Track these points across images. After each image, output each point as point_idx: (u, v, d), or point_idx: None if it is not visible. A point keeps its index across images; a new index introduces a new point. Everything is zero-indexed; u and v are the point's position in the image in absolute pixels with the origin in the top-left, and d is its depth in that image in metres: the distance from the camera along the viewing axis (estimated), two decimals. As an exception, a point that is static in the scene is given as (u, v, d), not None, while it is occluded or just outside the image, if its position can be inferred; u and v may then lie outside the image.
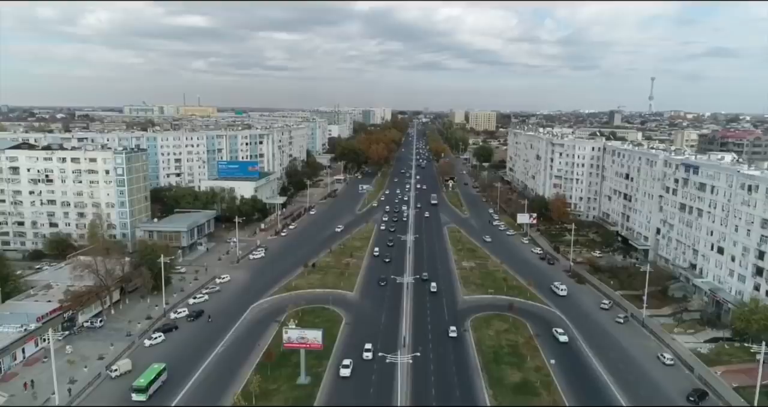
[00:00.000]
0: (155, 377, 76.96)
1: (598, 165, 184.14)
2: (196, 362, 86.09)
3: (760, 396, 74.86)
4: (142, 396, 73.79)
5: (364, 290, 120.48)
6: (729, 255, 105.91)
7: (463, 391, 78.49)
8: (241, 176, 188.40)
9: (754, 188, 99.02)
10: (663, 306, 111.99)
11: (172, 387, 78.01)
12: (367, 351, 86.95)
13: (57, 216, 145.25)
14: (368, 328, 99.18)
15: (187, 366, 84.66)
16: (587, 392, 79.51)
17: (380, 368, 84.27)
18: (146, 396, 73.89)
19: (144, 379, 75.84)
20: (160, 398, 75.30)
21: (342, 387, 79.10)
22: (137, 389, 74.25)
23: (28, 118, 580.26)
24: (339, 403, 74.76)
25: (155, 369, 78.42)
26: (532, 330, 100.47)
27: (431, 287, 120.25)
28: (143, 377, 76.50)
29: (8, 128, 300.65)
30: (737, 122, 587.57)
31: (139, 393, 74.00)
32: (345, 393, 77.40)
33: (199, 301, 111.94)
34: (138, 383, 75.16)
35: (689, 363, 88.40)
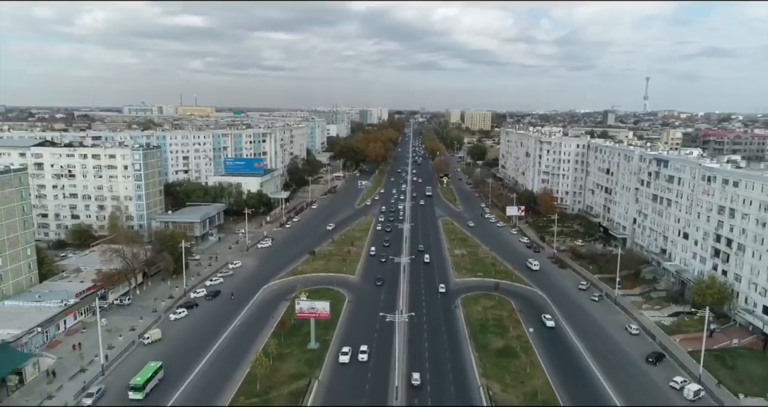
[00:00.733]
0: (152, 375, 76.98)
1: (583, 161, 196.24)
2: (217, 331, 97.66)
3: (708, 357, 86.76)
4: (138, 395, 73.82)
5: (364, 274, 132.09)
6: (693, 240, 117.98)
7: (453, 354, 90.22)
8: (247, 172, 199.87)
9: (713, 178, 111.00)
10: (635, 287, 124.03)
11: (197, 355, 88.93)
12: (363, 353, 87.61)
13: (78, 209, 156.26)
14: (369, 305, 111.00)
15: (209, 335, 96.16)
16: (561, 355, 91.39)
17: (382, 327, 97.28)
18: (143, 395, 74.05)
19: (141, 378, 75.57)
20: (165, 388, 77.93)
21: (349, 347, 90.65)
22: (134, 387, 74.23)
23: (28, 118, 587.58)
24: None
25: (152, 367, 78.46)
26: (515, 306, 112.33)
27: (425, 259, 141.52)
28: (140, 375, 76.26)
29: (23, 128, 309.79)
30: (728, 122, 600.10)
31: (136, 391, 74.01)
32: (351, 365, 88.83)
33: (215, 283, 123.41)
34: (135, 381, 74.90)
35: (652, 332, 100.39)
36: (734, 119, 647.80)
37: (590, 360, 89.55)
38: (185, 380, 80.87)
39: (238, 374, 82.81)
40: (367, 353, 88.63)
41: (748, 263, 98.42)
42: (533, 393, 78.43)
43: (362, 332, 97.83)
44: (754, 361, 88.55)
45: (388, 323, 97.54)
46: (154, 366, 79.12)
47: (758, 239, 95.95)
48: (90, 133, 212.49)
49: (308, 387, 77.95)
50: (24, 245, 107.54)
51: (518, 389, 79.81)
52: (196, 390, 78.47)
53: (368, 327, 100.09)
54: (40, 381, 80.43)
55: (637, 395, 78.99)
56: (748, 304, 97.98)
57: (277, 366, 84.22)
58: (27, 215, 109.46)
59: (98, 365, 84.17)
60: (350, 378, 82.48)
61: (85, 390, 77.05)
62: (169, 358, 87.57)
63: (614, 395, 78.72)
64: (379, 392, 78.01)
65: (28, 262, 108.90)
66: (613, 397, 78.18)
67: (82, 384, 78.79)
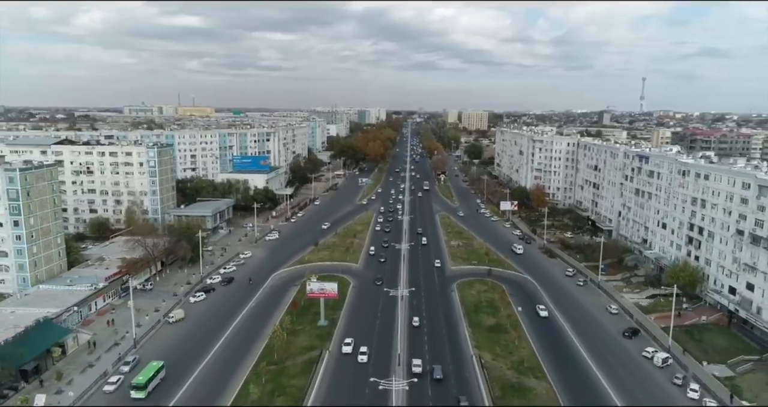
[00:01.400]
0: (154, 374, 77.56)
1: (573, 159, 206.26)
2: (234, 311, 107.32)
3: (678, 332, 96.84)
4: (141, 394, 74.41)
5: (367, 263, 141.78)
6: (670, 229, 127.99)
7: (449, 329, 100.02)
8: (253, 169, 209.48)
9: (687, 172, 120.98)
10: (617, 273, 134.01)
11: (217, 332, 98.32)
12: (363, 355, 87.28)
13: (96, 203, 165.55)
14: (371, 289, 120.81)
15: (227, 315, 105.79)
16: (546, 331, 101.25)
17: (385, 299, 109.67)
18: (145, 394, 74.71)
19: (143, 377, 76.12)
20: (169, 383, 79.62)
21: (354, 325, 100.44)
22: (136, 386, 74.76)
23: (29, 118, 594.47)
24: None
25: (154, 367, 79.07)
26: (506, 290, 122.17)
27: (422, 241, 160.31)
28: (142, 374, 76.82)
29: (29, 128, 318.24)
30: (722, 122, 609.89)
31: (138, 390, 74.61)
32: (356, 328, 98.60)
33: (228, 271, 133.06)
34: (137, 380, 75.43)
35: (630, 312, 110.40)
36: (728, 119, 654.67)
37: (573, 335, 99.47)
38: (209, 352, 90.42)
39: (256, 346, 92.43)
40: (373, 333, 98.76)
41: (717, 248, 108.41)
42: (520, 362, 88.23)
43: (367, 311, 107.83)
44: (719, 335, 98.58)
45: (391, 299, 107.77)
46: (156, 365, 79.71)
47: (725, 226, 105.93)
48: (103, 132, 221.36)
49: (320, 356, 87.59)
50: (54, 235, 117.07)
51: (507, 358, 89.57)
52: (220, 360, 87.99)
53: (372, 306, 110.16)
54: (81, 352, 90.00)
55: (613, 363, 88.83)
56: (716, 285, 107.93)
57: (291, 340, 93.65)
58: (57, 207, 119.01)
59: (130, 340, 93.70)
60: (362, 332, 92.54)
61: (122, 360, 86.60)
62: (191, 335, 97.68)
63: (593, 363, 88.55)
64: (382, 371, 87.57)
65: (58, 250, 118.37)
66: (592, 365, 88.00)
67: (118, 355, 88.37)
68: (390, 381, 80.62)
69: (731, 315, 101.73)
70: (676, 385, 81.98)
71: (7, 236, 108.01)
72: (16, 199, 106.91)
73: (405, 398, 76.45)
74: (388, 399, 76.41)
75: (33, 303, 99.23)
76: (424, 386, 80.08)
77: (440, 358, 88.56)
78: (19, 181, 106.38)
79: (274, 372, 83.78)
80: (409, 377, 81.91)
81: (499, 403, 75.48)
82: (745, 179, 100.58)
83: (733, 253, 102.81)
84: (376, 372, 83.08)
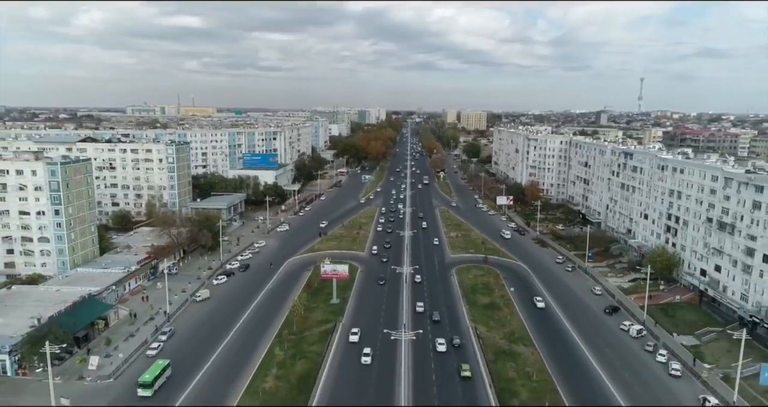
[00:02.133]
0: (160, 372, 78.27)
1: (565, 156, 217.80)
2: (254, 292, 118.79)
3: (654, 309, 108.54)
4: (147, 392, 75.19)
5: (372, 251, 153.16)
6: (651, 220, 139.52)
7: (448, 307, 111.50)
8: (263, 166, 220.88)
9: (666, 167, 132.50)
10: (603, 261, 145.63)
11: (240, 309, 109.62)
12: (366, 356, 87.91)
13: (118, 197, 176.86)
14: (378, 271, 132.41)
15: (248, 294, 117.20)
16: (535, 308, 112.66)
17: (391, 278, 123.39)
18: (152, 392, 75.42)
19: (149, 375, 76.88)
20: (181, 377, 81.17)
21: (362, 303, 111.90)
22: (143, 384, 75.52)
23: (34, 118, 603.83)
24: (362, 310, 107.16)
25: (160, 365, 79.82)
26: (501, 275, 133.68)
27: (422, 225, 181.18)
28: (148, 373, 77.57)
29: (38, 127, 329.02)
30: (718, 122, 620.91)
31: (145, 388, 75.33)
32: (365, 308, 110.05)
33: (245, 258, 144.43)
34: (143, 379, 76.25)
35: (613, 293, 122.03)
36: (725, 120, 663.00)
37: (559, 311, 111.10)
38: (235, 325, 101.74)
39: (276, 320, 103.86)
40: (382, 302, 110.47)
41: (690, 235, 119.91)
42: (511, 333, 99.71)
43: (375, 292, 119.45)
44: (690, 312, 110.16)
45: (396, 276, 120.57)
46: (162, 363, 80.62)
47: (697, 215, 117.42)
48: (119, 131, 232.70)
49: (335, 327, 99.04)
50: (89, 223, 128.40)
51: (500, 330, 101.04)
52: (246, 330, 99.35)
53: (378, 287, 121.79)
54: (122, 324, 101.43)
55: (594, 334, 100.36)
56: (690, 269, 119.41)
57: (307, 316, 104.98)
58: (91, 198, 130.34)
59: (164, 315, 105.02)
60: (368, 319, 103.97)
61: (159, 331, 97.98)
62: (217, 311, 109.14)
63: (575, 334, 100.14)
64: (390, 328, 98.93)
65: (92, 238, 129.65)
66: (575, 335, 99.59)
67: (155, 327, 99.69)
68: (399, 332, 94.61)
69: (702, 294, 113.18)
70: (647, 352, 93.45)
71: (48, 223, 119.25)
72: (57, 190, 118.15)
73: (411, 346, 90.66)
74: (398, 346, 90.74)
75: (74, 283, 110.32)
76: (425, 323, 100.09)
77: (440, 328, 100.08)
78: (60, 174, 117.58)
79: (294, 340, 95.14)
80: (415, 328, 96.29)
81: (492, 366, 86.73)
82: (713, 172, 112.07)
83: (703, 239, 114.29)
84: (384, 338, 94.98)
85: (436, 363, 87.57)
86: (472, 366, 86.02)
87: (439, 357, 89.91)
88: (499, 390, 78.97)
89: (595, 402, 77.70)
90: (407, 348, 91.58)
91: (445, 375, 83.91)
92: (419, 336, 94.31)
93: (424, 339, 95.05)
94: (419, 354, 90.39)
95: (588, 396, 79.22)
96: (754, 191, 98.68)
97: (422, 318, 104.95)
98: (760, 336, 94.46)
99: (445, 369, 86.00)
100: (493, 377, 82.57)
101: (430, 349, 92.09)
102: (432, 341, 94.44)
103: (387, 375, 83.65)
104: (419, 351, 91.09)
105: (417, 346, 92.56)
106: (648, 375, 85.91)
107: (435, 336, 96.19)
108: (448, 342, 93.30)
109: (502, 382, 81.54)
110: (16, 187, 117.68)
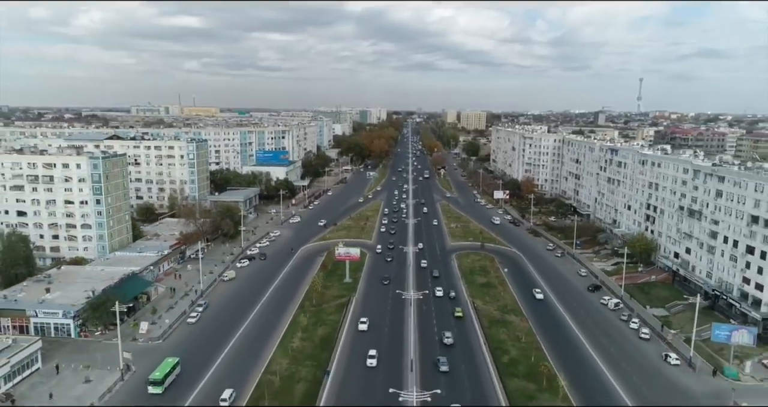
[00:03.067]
0: (170, 370, 79.82)
1: (559, 154, 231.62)
2: (275, 273, 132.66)
3: (632, 288, 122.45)
4: (158, 389, 76.86)
5: (379, 239, 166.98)
6: (633, 210, 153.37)
7: (449, 284, 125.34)
8: (274, 163, 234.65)
9: (646, 162, 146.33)
10: (590, 248, 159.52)
11: (263, 287, 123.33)
12: (371, 358, 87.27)
13: (143, 191, 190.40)
14: (384, 255, 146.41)
15: (269, 275, 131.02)
16: (526, 285, 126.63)
17: (398, 255, 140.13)
18: (162, 389, 77.06)
19: (159, 373, 78.48)
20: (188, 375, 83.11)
21: (372, 281, 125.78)
22: (153, 382, 77.03)
23: (41, 118, 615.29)
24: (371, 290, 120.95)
25: (169, 363, 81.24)
26: (496, 259, 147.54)
27: (423, 210, 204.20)
28: (159, 370, 79.09)
29: (48, 126, 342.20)
30: (715, 122, 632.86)
31: (156, 385, 76.97)
32: (374, 284, 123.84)
33: (263, 245, 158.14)
34: (154, 376, 77.80)
35: (596, 274, 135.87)
36: (722, 120, 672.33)
37: (547, 289, 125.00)
38: (261, 299, 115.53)
39: (297, 295, 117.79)
40: (388, 279, 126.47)
41: (665, 222, 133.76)
42: (504, 306, 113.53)
43: (383, 268, 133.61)
44: (663, 289, 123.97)
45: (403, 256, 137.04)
46: (172, 361, 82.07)
47: (671, 204, 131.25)
48: (139, 130, 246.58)
49: (349, 300, 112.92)
50: (124, 212, 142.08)
51: (494, 304, 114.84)
52: (272, 303, 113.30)
53: (386, 270, 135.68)
54: (162, 298, 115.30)
55: (577, 307, 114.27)
56: (665, 252, 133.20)
57: (323, 292, 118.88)
58: (126, 189, 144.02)
59: (194, 293, 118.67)
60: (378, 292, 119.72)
61: (194, 304, 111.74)
62: (243, 289, 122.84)
63: (560, 307, 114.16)
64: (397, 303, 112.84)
65: (126, 225, 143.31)
66: (560, 308, 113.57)
67: (191, 301, 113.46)
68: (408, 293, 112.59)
69: (674, 274, 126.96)
70: (622, 321, 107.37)
71: (90, 212, 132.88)
72: (98, 181, 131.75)
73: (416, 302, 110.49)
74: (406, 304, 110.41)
75: (115, 264, 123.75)
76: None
77: (442, 303, 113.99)
78: (101, 167, 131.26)
79: (315, 311, 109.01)
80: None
81: (487, 332, 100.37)
82: (684, 166, 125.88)
83: (676, 225, 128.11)
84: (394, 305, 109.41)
85: (435, 305, 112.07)
86: (468, 325, 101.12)
87: (437, 300, 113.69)
88: (493, 349, 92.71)
89: (573, 357, 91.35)
90: (413, 301, 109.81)
91: (443, 314, 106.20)
92: (425, 295, 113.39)
93: (427, 299, 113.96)
94: (422, 303, 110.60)
95: (568, 353, 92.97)
96: (717, 181, 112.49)
97: (424, 274, 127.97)
98: (721, 307, 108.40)
99: (442, 310, 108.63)
100: (488, 339, 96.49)
101: (431, 296, 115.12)
102: (432, 290, 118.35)
103: (398, 319, 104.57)
104: (422, 302, 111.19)
105: (421, 301, 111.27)
106: (621, 338, 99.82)
107: (434, 286, 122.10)
108: (445, 294, 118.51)
109: (496, 343, 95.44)
110: (62, 179, 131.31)
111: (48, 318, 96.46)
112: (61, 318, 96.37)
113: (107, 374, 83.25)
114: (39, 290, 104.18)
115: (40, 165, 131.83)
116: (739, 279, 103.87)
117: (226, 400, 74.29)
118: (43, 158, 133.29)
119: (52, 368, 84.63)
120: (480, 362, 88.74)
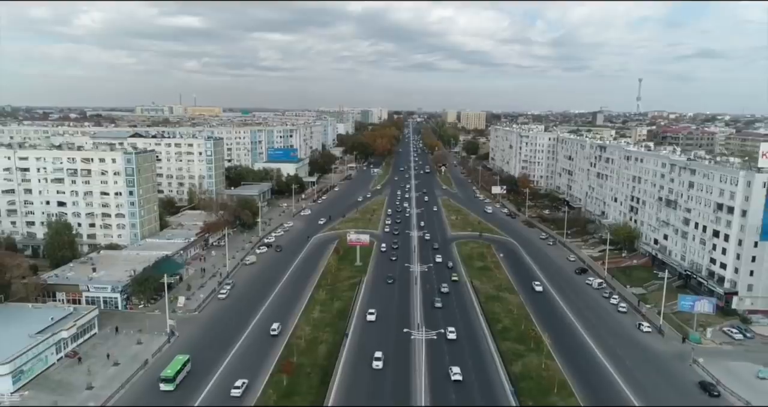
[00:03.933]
0: (181, 367, 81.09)
1: (553, 151, 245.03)
2: (292, 258, 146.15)
3: (615, 271, 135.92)
4: (170, 386, 78.01)
5: (385, 230, 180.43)
6: (619, 202, 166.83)
7: (451, 268, 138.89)
8: (284, 160, 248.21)
9: (630, 158, 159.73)
10: (580, 237, 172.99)
11: (283, 268, 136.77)
12: (377, 360, 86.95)
13: (163, 185, 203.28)
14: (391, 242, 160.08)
15: (287, 260, 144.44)
16: (519, 269, 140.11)
17: (402, 240, 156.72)
18: (174, 386, 78.18)
19: (171, 370, 79.76)
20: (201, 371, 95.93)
21: (381, 265, 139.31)
22: (165, 379, 78.29)
23: (47, 118, 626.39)
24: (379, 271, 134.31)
25: (180, 360, 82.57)
26: (493, 247, 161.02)
27: (425, 198, 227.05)
28: (170, 368, 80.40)
29: (61, 125, 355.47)
30: (712, 122, 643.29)
31: (167, 383, 78.27)
32: (384, 265, 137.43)
33: (279, 234, 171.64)
34: (165, 373, 79.04)
35: (584, 259, 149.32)
36: (719, 120, 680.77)
37: (539, 272, 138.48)
38: (281, 279, 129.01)
39: (314, 276, 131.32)
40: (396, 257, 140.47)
41: (647, 212, 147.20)
42: (499, 285, 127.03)
43: (390, 254, 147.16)
44: (643, 272, 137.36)
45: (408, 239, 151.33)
46: (183, 358, 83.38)
47: (652, 195, 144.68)
48: (159, 129, 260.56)
49: (360, 280, 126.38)
50: (153, 203, 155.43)
51: (490, 283, 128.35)
52: (291, 283, 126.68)
53: (393, 254, 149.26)
54: (193, 278, 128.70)
55: (564, 286, 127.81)
56: (646, 239, 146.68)
57: (336, 274, 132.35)
58: (154, 182, 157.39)
59: (223, 272, 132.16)
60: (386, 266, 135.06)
61: (222, 283, 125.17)
62: (264, 271, 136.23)
63: (550, 287, 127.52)
64: (403, 286, 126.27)
65: (155, 215, 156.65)
66: (549, 287, 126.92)
67: (218, 281, 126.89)
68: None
69: (653, 258, 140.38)
70: (604, 297, 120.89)
71: (124, 202, 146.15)
72: (131, 175, 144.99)
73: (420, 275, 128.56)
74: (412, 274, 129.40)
75: (148, 249, 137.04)
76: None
77: (446, 281, 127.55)
78: (135, 161, 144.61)
79: (330, 289, 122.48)
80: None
81: (484, 306, 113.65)
82: (663, 160, 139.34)
83: (656, 214, 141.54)
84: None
85: (435, 270, 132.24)
86: (468, 306, 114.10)
87: (437, 265, 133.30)
88: (489, 320, 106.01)
89: (559, 326, 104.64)
90: (419, 273, 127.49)
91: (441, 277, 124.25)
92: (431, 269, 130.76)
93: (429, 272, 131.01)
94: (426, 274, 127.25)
95: (555, 323, 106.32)
96: (690, 174, 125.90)
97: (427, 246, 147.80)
98: (693, 285, 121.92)
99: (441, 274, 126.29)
100: (485, 310, 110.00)
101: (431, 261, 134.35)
102: (432, 256, 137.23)
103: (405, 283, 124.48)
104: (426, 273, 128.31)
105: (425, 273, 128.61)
106: (602, 311, 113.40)
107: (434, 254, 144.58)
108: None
109: (491, 314, 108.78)
110: (98, 172, 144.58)
111: (98, 292, 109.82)
112: (110, 292, 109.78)
113: (155, 337, 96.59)
114: (85, 270, 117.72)
115: (79, 160, 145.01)
116: (707, 260, 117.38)
117: (239, 388, 77.82)
118: (81, 154, 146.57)
119: (107, 332, 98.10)
120: (477, 327, 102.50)
